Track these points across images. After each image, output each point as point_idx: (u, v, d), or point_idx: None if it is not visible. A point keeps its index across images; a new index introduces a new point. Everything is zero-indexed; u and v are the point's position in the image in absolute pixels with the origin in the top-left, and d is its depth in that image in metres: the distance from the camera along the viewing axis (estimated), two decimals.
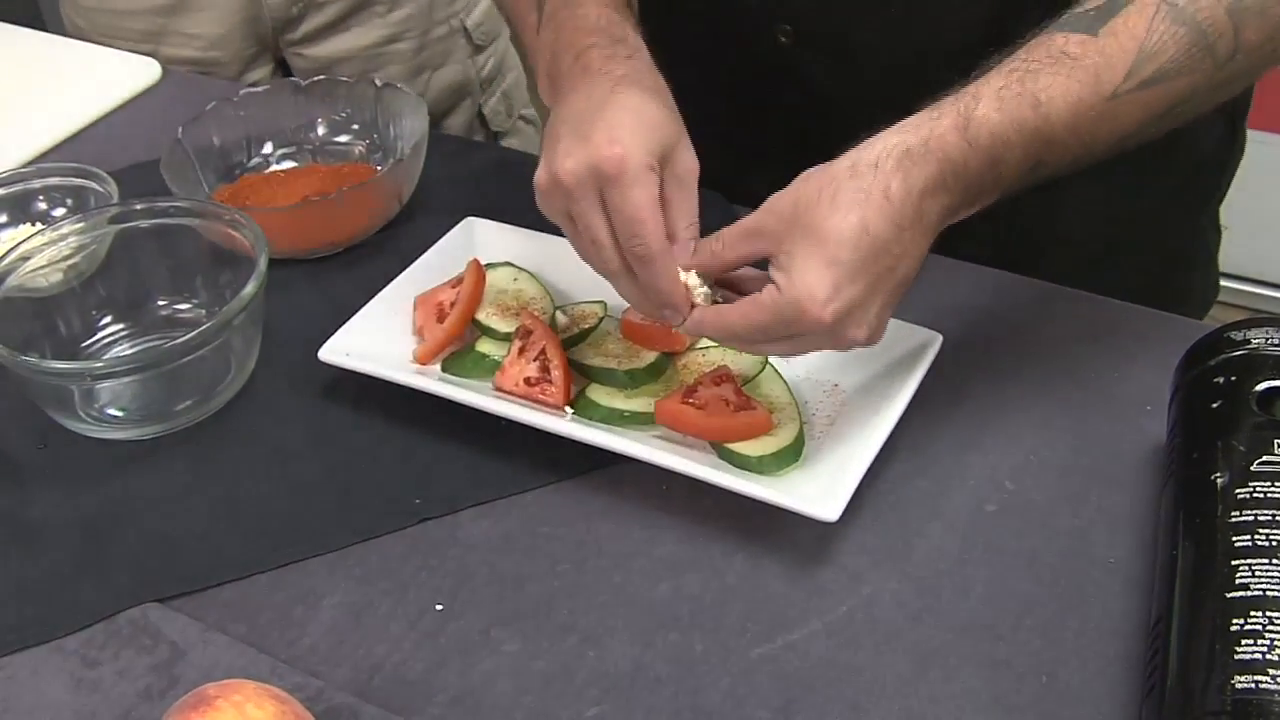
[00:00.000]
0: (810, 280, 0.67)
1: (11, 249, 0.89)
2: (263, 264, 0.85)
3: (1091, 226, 1.00)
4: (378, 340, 0.87)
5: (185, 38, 1.38)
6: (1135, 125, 0.71)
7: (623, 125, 0.73)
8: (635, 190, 0.72)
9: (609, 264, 0.76)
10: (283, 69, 1.48)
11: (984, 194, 0.71)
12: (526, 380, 0.83)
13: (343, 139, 1.10)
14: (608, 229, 0.74)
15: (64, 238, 0.91)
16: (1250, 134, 1.06)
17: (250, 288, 0.84)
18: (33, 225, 1.01)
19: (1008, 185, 0.71)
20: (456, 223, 0.96)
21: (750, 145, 0.70)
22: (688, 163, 0.76)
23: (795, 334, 0.70)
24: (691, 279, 0.74)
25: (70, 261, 0.92)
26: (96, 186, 1.01)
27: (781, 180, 0.71)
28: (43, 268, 0.90)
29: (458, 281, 0.90)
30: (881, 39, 0.89)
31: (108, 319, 0.94)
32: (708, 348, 0.86)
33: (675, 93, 0.77)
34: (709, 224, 0.75)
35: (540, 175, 0.76)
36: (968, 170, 0.69)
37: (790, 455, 0.77)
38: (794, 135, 0.69)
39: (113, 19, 1.38)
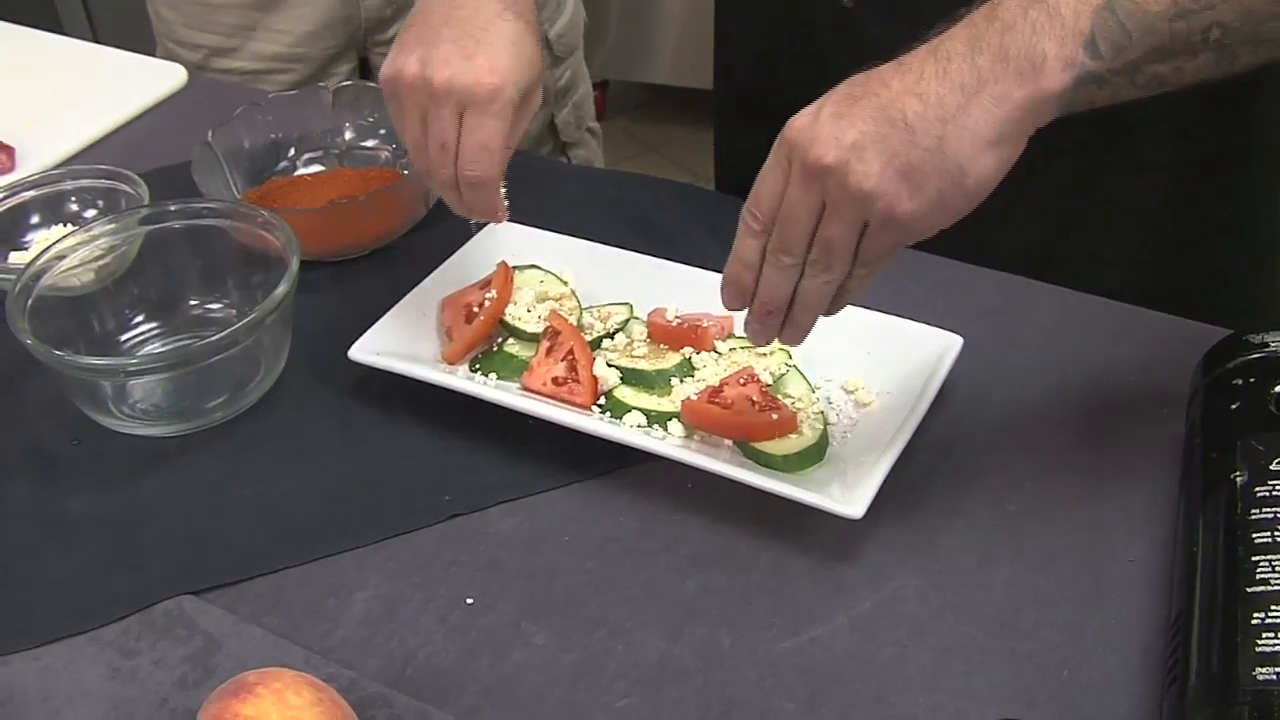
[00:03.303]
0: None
1: (46, 249, 0.90)
2: (294, 265, 0.86)
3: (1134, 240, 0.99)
4: (406, 340, 0.89)
5: (275, 33, 1.39)
6: None
7: (505, 56, 0.81)
8: (496, 122, 0.81)
9: (445, 170, 0.83)
10: (363, 68, 1.49)
11: (1042, 33, 0.63)
12: (554, 380, 0.85)
13: (369, 143, 1.12)
14: (457, 139, 0.81)
15: (96, 238, 0.93)
16: None
17: (282, 288, 0.85)
18: (65, 226, 1.03)
19: (1080, 26, 0.62)
20: (482, 226, 0.98)
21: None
22: (536, 100, 0.85)
23: (786, 163, 0.67)
24: None
25: (101, 262, 0.93)
26: (127, 188, 1.02)
27: None
28: (75, 268, 0.92)
29: (485, 283, 0.92)
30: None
31: (140, 318, 0.96)
32: (733, 348, 0.87)
33: (738, 68, 0.77)
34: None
35: (409, 65, 0.81)
36: (1000, 7, 0.64)
37: (815, 454, 0.79)
38: None
39: (204, 11, 1.39)
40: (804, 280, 0.70)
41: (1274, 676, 0.57)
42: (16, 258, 1.00)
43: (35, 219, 1.04)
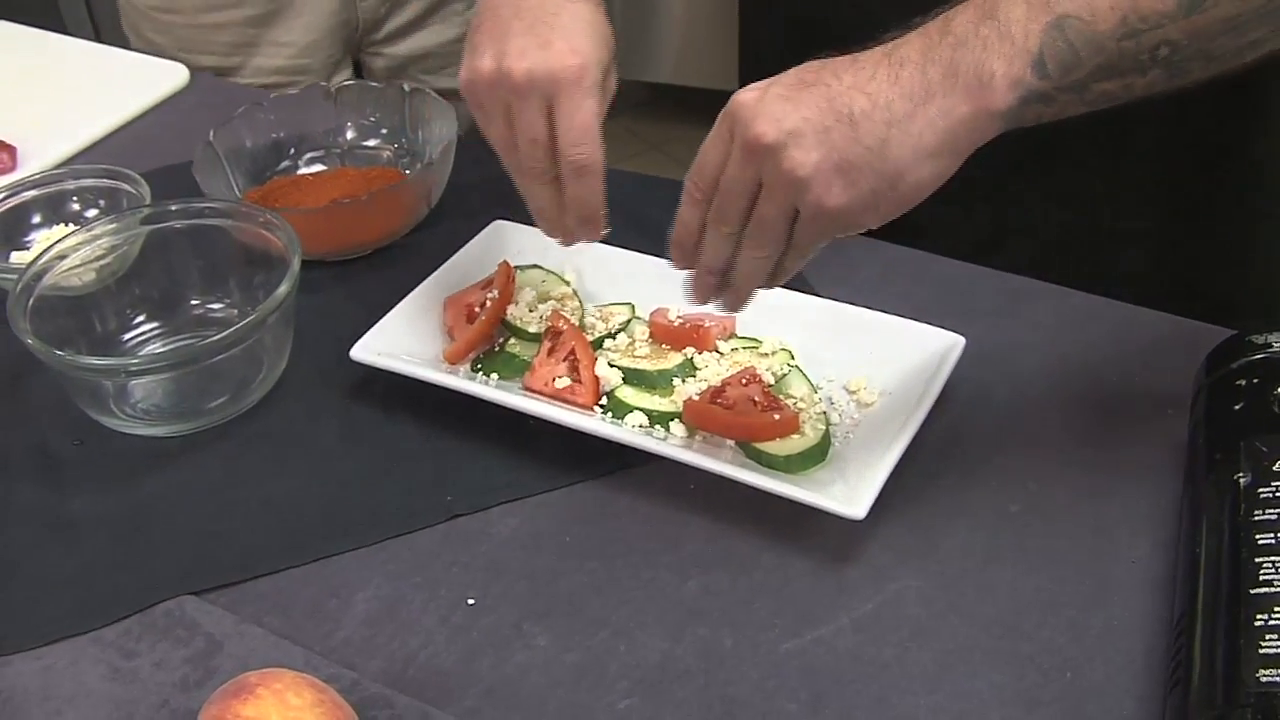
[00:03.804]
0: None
1: (47, 248, 0.90)
2: (296, 264, 0.86)
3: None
4: (408, 340, 0.89)
5: (276, 47, 1.37)
6: None
7: (582, 36, 0.78)
8: (589, 101, 0.77)
9: (540, 164, 0.79)
10: (356, 70, 1.48)
11: (991, 50, 0.63)
12: (556, 380, 0.84)
13: (371, 143, 1.12)
14: (548, 132, 0.78)
15: (97, 238, 0.92)
16: None
17: (284, 288, 0.85)
18: (66, 226, 1.03)
19: (1029, 45, 0.62)
20: (483, 226, 0.98)
21: None
22: (613, 83, 0.82)
23: (728, 135, 0.68)
24: None
25: (103, 261, 0.93)
26: (128, 188, 1.02)
27: None
28: (76, 267, 0.92)
29: (487, 283, 0.92)
30: None
31: (141, 318, 0.96)
32: (735, 349, 0.87)
33: (765, 61, 0.77)
34: None
35: (485, 64, 0.78)
36: (951, 20, 0.65)
37: (817, 455, 0.79)
38: None
39: (199, 33, 1.36)
40: (740, 253, 0.71)
41: (1278, 679, 0.56)
42: (18, 257, 1.00)
43: (37, 218, 1.04)
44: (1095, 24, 0.62)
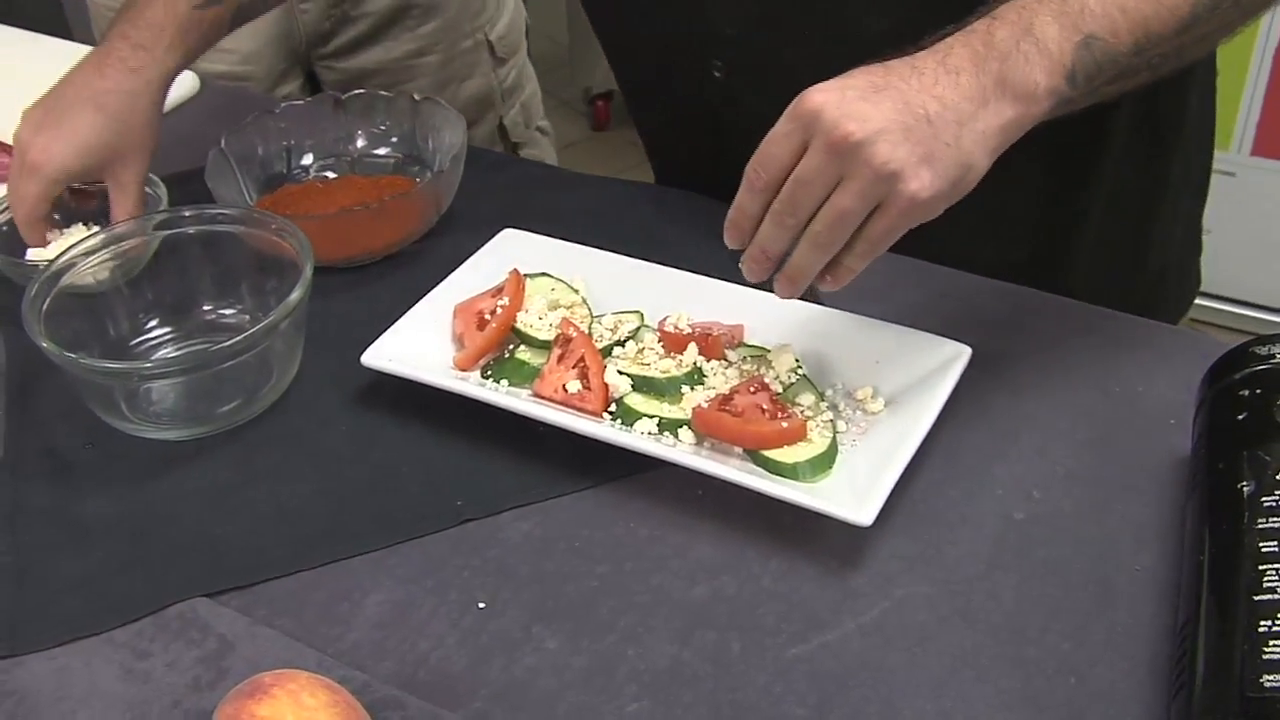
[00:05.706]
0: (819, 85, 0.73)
1: (66, 250, 0.91)
2: (308, 271, 0.87)
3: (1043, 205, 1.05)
4: (418, 346, 0.89)
5: (218, 53, 1.38)
6: (1189, 6, 0.73)
7: (59, 141, 0.97)
8: (32, 186, 0.97)
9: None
10: (311, 82, 1.50)
11: (1034, 65, 0.71)
12: (565, 387, 0.85)
13: (381, 151, 1.13)
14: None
15: (114, 240, 0.93)
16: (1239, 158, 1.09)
17: (296, 294, 0.86)
18: (86, 226, 1.03)
19: (1064, 60, 0.72)
20: (492, 234, 0.99)
21: (710, 181, 0.76)
22: (125, 174, 1.00)
23: (801, 129, 0.72)
24: None
25: (117, 262, 0.94)
26: (146, 190, 1.03)
27: None
28: (92, 268, 0.93)
29: (497, 291, 0.92)
30: (807, 60, 0.92)
31: (154, 322, 0.96)
32: (743, 357, 0.88)
33: (644, 139, 0.82)
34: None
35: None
36: (993, 34, 0.73)
37: (825, 462, 0.79)
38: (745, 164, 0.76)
39: None
40: (799, 249, 0.75)
41: None
42: (34, 254, 1.00)
43: (55, 218, 1.04)
44: (1116, 44, 0.73)
